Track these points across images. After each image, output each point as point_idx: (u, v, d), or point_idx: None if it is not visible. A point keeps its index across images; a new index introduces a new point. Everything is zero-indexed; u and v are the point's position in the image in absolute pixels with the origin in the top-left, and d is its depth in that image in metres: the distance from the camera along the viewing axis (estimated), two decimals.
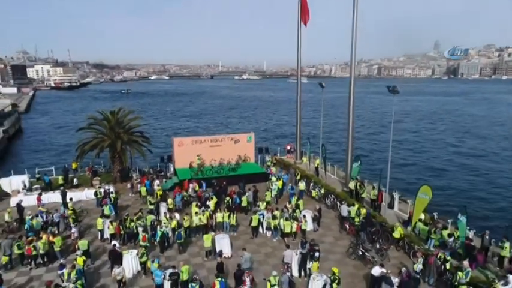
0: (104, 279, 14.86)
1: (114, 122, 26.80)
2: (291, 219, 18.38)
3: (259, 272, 15.01)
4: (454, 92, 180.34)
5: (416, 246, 16.05)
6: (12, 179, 25.04)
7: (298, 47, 30.04)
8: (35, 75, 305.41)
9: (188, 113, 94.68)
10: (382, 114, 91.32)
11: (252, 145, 30.43)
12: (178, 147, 28.40)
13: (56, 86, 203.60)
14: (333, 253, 17.14)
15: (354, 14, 22.18)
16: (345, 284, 14.50)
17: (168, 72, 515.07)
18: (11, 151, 48.44)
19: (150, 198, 21.47)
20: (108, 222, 17.99)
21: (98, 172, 28.48)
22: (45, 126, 72.20)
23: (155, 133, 58.62)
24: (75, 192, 24.07)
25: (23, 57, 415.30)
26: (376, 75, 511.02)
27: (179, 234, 16.60)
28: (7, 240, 16.34)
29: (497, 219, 26.70)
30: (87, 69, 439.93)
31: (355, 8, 22.09)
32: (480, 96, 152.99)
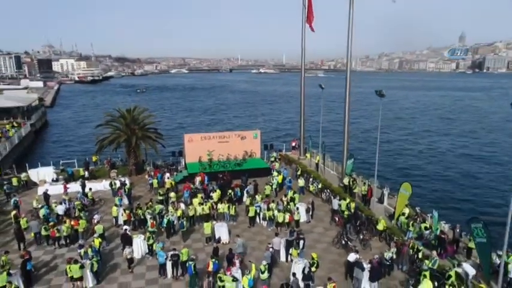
0: (117, 259, 17.17)
1: (129, 119, 29.20)
2: (284, 210, 20.27)
3: (251, 257, 16.98)
4: (475, 88, 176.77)
5: (395, 238, 17.69)
6: (40, 170, 27.86)
7: (303, 47, 31.24)
8: (60, 69, 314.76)
9: (203, 107, 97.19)
10: (395, 110, 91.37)
11: (258, 141, 32.30)
12: (189, 143, 30.56)
13: (79, 80, 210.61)
14: (320, 242, 18.94)
15: (350, 12, 23.37)
16: (327, 269, 16.35)
17: (188, 65, 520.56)
18: (38, 144, 51.96)
19: (160, 189, 23.78)
20: (122, 210, 20.36)
21: (115, 165, 30.99)
22: (69, 119, 76.13)
23: (170, 128, 61.31)
24: (94, 183, 26.62)
25: (49, 51, 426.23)
26: (398, 69, 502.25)
27: (181, 223, 18.72)
28: (34, 221, 18.91)
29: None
30: (109, 62, 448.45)
31: (351, 5, 23.29)
32: (501, 92, 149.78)
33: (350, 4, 23.48)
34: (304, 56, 31.98)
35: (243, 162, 30.02)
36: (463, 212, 27.74)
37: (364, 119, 74.01)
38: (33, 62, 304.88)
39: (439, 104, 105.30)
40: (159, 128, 33.56)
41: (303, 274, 14.43)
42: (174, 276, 15.55)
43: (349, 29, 23.65)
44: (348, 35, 23.91)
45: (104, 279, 15.56)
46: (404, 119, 77.23)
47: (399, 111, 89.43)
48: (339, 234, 18.75)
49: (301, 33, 30.86)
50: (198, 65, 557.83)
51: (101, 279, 15.40)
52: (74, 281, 14.70)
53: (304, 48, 31.41)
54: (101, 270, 15.73)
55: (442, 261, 15.77)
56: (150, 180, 25.88)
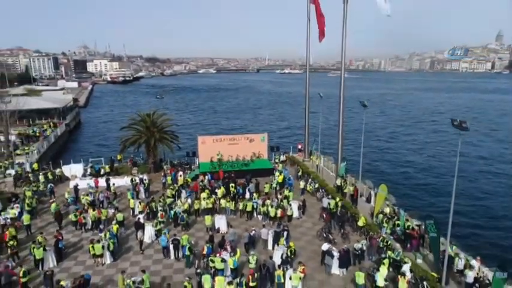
0: (131, 242, 20.51)
1: (149, 122, 32.76)
2: (277, 207, 22.99)
3: (242, 244, 19.95)
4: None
5: (371, 232, 20.07)
6: (71, 166, 31.90)
7: (307, 47, 33.23)
8: (94, 69, 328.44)
9: (224, 109, 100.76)
10: (412, 112, 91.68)
11: (265, 144, 35.04)
12: (202, 144, 33.74)
13: (111, 80, 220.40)
14: (306, 235, 21.56)
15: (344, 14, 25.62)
16: (307, 257, 19.00)
17: (216, 65, 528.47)
18: (71, 142, 56.99)
19: (172, 186, 27.10)
20: (138, 202, 23.78)
21: (137, 163, 34.66)
22: (99, 120, 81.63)
23: (190, 128, 65.20)
24: (117, 179, 30.30)
25: (84, 52, 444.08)
26: (429, 69, 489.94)
27: (182, 217, 21.83)
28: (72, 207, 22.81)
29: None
30: (140, 63, 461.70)
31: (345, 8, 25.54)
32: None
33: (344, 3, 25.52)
34: (309, 57, 34.30)
35: (250, 162, 32.90)
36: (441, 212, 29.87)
37: (384, 123, 75.33)
38: (70, 62, 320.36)
39: (458, 106, 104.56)
40: (180, 128, 37.28)
41: (281, 259, 17.19)
42: (176, 258, 18.67)
43: (343, 36, 25.91)
44: (342, 33, 25.97)
45: (120, 258, 18.89)
46: (420, 122, 77.82)
47: (416, 114, 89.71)
48: (322, 228, 21.30)
49: (306, 37, 33.07)
50: (226, 65, 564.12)
51: (116, 258, 18.74)
52: (96, 258, 18.14)
53: (308, 49, 33.37)
54: (117, 250, 19.09)
55: (407, 254, 18.11)
56: (163, 180, 29.12)
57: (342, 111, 27.48)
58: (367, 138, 60.15)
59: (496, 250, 24.48)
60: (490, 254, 21.64)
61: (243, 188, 26.63)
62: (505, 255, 22.74)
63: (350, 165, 32.22)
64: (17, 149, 39.46)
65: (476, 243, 25.04)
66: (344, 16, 25.43)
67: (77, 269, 17.80)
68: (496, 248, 24.94)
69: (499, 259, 17.41)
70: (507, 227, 28.73)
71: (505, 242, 26.27)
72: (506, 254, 23.71)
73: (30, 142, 44.02)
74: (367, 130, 69.03)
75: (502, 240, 26.45)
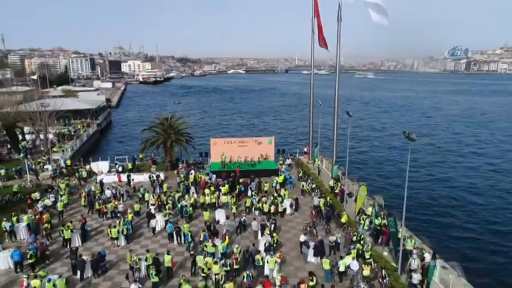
0: (143, 229, 24.17)
1: (167, 125, 36.57)
2: (271, 203, 25.94)
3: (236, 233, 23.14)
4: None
5: (350, 228, 22.67)
6: (99, 163, 36.22)
7: (312, 46, 35.95)
8: (128, 69, 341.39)
9: (245, 110, 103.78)
10: (432, 118, 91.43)
11: (272, 146, 37.99)
12: (214, 146, 37.16)
13: (143, 81, 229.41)
14: (295, 229, 24.39)
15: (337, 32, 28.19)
16: (290, 246, 21.89)
17: (246, 66, 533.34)
18: (102, 141, 62.14)
19: (183, 182, 30.67)
20: (151, 196, 27.46)
21: (156, 162, 38.59)
22: (128, 120, 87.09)
23: (208, 129, 69.28)
24: (138, 175, 34.22)
25: (119, 53, 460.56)
26: (464, 71, 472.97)
27: (185, 210, 25.23)
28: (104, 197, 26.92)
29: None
30: (172, 63, 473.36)
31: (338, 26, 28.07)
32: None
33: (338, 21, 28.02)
34: (313, 57, 37.14)
35: (256, 163, 35.99)
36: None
37: (394, 127, 76.26)
38: (105, 63, 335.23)
39: (482, 110, 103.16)
40: (199, 129, 40.91)
41: (264, 246, 20.19)
42: (178, 243, 22.08)
43: (337, 45, 28.43)
44: (337, 49, 28.62)
45: (132, 241, 22.53)
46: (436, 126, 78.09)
47: (434, 119, 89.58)
48: (308, 223, 24.08)
49: (311, 40, 35.63)
50: (256, 65, 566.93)
51: (129, 241, 22.39)
52: (112, 240, 21.86)
53: (313, 49, 36.29)
54: (130, 235, 22.75)
55: (378, 247, 20.69)
56: (178, 180, 32.56)
57: (336, 117, 29.95)
58: (372, 139, 62.26)
59: (454, 243, 27.63)
60: (448, 246, 25.11)
61: (245, 186, 29.77)
62: (462, 249, 26.36)
63: (353, 167, 34.93)
64: (54, 147, 44.41)
65: (440, 238, 27.73)
66: (338, 34, 27.98)
67: (97, 248, 21.52)
68: (455, 241, 28.01)
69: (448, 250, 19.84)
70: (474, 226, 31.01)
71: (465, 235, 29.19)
72: (463, 247, 27.14)
73: (66, 140, 49.12)
74: (376, 130, 70.73)
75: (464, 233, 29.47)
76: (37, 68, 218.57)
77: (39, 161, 36.99)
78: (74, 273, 18.79)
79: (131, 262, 18.52)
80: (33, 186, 31.42)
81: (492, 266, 24.73)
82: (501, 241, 28.12)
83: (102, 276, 18.82)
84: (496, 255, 26.20)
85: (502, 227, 30.80)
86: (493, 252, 26.64)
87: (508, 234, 29.38)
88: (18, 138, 45.75)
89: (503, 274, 23.68)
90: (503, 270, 24.15)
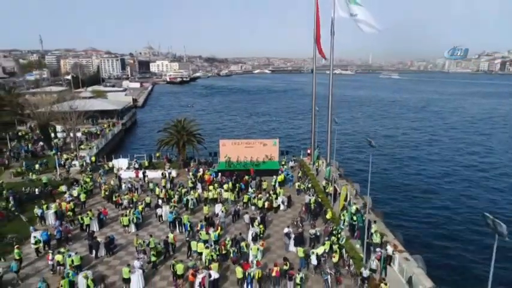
0: (152, 219, 27.77)
1: (180, 127, 40.22)
2: (265, 200, 28.90)
3: (233, 225, 26.31)
4: None
5: (332, 223, 25.31)
6: (119, 160, 40.33)
7: (314, 48, 38.50)
8: (156, 69, 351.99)
9: (261, 112, 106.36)
10: (448, 120, 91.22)
11: (276, 148, 40.77)
12: (222, 146, 40.38)
13: (170, 81, 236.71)
14: (285, 223, 27.16)
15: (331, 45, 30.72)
16: (277, 237, 24.78)
17: (272, 65, 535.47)
18: (126, 140, 66.86)
19: (191, 179, 34.15)
20: (161, 190, 31.07)
21: (171, 160, 42.33)
22: (152, 119, 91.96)
23: (221, 130, 73.02)
24: (153, 172, 37.99)
25: (149, 53, 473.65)
26: (499, 71, 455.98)
27: (193, 203, 28.61)
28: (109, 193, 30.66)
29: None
30: (199, 63, 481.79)
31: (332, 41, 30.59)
32: None
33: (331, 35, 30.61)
34: (316, 59, 39.40)
35: (260, 163, 38.98)
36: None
37: (408, 131, 77.21)
38: (135, 63, 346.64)
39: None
40: (212, 130, 44.26)
41: (252, 236, 23.23)
42: (180, 231, 25.46)
43: (331, 56, 30.87)
44: (331, 61, 31.04)
45: (141, 229, 26.12)
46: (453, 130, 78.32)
47: (452, 123, 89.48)
48: (296, 218, 26.90)
49: (331, 43, 38.33)
50: (282, 65, 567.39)
51: (139, 228, 26.00)
52: (124, 227, 25.54)
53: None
54: (140, 223, 26.36)
55: (353, 240, 23.32)
56: (188, 177, 35.93)
57: (330, 121, 32.43)
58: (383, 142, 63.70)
59: (426, 239, 30.27)
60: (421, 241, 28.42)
61: (246, 184, 32.88)
62: (433, 245, 29.03)
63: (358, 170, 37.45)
64: (82, 145, 49.10)
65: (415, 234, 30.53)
66: (331, 47, 30.51)
67: (110, 233, 25.24)
68: (427, 237, 30.56)
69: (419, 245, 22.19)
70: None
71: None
72: (435, 243, 29.55)
73: (92, 139, 53.85)
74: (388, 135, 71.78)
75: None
76: (71, 68, 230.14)
77: (68, 157, 41.48)
78: (90, 252, 22.52)
79: (137, 245, 22.06)
80: (62, 179, 35.78)
81: (456, 262, 26.97)
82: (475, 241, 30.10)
83: (113, 256, 22.46)
84: (463, 252, 28.40)
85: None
86: (462, 249, 28.84)
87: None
88: (51, 136, 50.76)
89: (464, 270, 25.91)
90: (465, 267, 26.35)
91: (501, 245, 12.90)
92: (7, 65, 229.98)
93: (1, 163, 40.77)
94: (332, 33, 30.39)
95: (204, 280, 18.61)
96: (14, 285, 19.21)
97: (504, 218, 13.11)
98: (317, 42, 35.74)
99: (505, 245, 16.21)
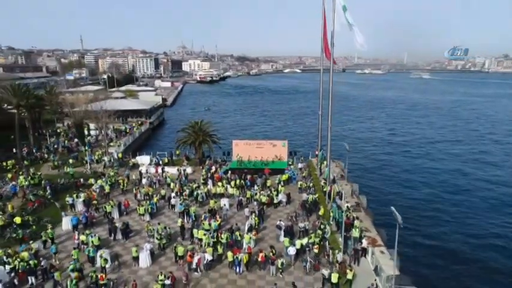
0: (165, 210, 31.52)
1: (197, 128, 43.97)
2: (266, 196, 31.93)
3: (235, 218, 29.58)
4: None
5: (323, 219, 27.99)
6: (142, 157, 44.63)
7: (322, 45, 40.42)
8: (188, 68, 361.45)
9: (284, 113, 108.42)
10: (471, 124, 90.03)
11: (285, 149, 43.62)
12: (235, 146, 43.75)
13: (200, 80, 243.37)
14: (282, 217, 30.09)
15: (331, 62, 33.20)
16: (272, 229, 27.77)
17: (303, 64, 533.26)
18: (152, 138, 71.68)
19: (204, 175, 37.76)
20: (175, 185, 34.84)
21: (189, 158, 46.15)
22: (178, 118, 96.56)
23: (240, 130, 76.51)
24: (171, 168, 41.88)
25: (182, 52, 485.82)
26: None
27: (202, 196, 32.12)
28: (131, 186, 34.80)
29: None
30: (230, 62, 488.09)
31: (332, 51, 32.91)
32: None
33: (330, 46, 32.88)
34: (323, 59, 41.46)
35: (269, 163, 41.97)
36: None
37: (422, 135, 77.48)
38: (168, 62, 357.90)
39: None
40: (229, 130, 47.56)
41: (247, 227, 26.39)
42: (187, 221, 29.02)
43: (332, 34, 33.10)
44: (330, 75, 33.34)
45: (155, 218, 29.88)
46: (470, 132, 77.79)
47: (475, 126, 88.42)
48: (291, 213, 29.77)
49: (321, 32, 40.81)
50: (314, 63, 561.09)
51: (153, 217, 29.77)
52: (140, 216, 29.44)
53: (319, 49, 40.97)
54: (154, 213, 30.16)
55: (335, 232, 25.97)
56: (203, 175, 39.52)
57: (330, 122, 34.67)
58: (387, 144, 64.88)
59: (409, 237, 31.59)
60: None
61: (252, 182, 36.04)
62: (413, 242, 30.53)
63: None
64: (111, 142, 54.00)
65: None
66: (331, 58, 32.91)
67: (127, 221, 29.17)
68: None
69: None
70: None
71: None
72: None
73: (121, 137, 58.76)
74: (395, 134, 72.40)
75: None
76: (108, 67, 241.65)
77: (98, 153, 46.25)
78: (109, 235, 26.48)
79: (148, 231, 25.83)
80: (91, 173, 40.40)
81: (439, 261, 28.87)
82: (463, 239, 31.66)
83: (129, 239, 26.31)
84: (447, 253, 30.18)
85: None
86: (446, 252, 30.51)
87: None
88: (84, 133, 56.02)
89: (440, 270, 27.74)
90: (442, 267, 28.17)
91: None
92: (50, 64, 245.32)
93: (41, 157, 46.14)
94: (332, 45, 32.69)
95: (200, 261, 21.99)
96: (52, 265, 22.66)
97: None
98: (325, 51, 38.05)
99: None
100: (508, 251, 30.54)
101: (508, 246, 31.31)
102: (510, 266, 28.39)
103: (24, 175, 37.41)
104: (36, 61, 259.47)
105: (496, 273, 27.30)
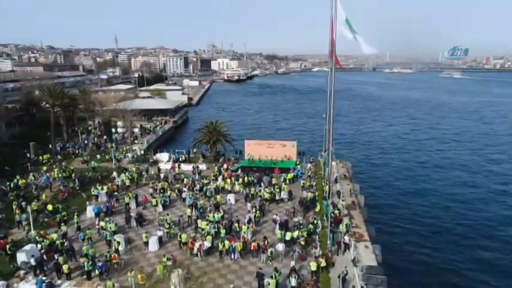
0: (177, 202, 34.88)
1: (212, 128, 47.24)
2: (269, 193, 34.63)
3: (238, 212, 32.54)
4: None
5: (317, 215, 30.39)
6: (162, 154, 48.43)
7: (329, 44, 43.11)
8: (217, 67, 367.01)
9: (304, 112, 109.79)
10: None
11: (294, 149, 46.06)
12: (247, 146, 46.63)
13: (227, 79, 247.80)
14: (281, 212, 32.74)
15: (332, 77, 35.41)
16: (270, 223, 30.48)
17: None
18: (175, 136, 75.71)
19: (214, 172, 40.96)
20: (186, 179, 38.23)
21: (205, 155, 49.50)
22: (202, 117, 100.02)
23: (256, 129, 80.00)
24: (187, 165, 45.33)
25: (212, 50, 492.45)
26: None
27: (211, 191, 35.28)
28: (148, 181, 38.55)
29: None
30: (259, 60, 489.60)
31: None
32: None
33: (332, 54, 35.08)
34: (333, 56, 43.63)
35: (278, 162, 44.57)
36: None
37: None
38: (197, 61, 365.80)
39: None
40: (244, 129, 50.43)
41: (247, 219, 29.26)
42: (195, 213, 32.23)
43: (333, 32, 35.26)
44: (330, 81, 35.48)
45: (166, 209, 33.28)
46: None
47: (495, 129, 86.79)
48: (290, 209, 32.33)
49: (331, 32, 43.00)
50: (344, 62, 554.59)
51: (165, 209, 33.19)
52: (153, 207, 32.99)
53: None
54: (166, 205, 33.60)
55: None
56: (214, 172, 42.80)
57: (331, 123, 36.70)
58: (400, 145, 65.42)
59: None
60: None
61: (258, 180, 38.84)
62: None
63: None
64: (136, 139, 58.30)
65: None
66: (331, 68, 34.95)
67: (141, 211, 32.67)
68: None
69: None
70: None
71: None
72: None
73: (146, 134, 63.06)
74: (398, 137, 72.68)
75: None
76: (140, 66, 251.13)
77: (122, 150, 50.51)
78: (126, 223, 30.12)
79: (158, 220, 29.29)
80: (115, 168, 44.53)
81: (427, 259, 30.52)
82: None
83: (142, 227, 29.83)
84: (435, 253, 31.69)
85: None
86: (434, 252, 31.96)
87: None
88: (112, 131, 60.66)
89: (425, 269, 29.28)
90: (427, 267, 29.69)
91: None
92: (86, 63, 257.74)
93: (72, 152, 50.97)
94: (334, 53, 34.63)
95: (200, 247, 25.09)
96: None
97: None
98: (330, 57, 40.16)
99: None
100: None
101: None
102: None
103: (57, 168, 41.95)
104: (74, 60, 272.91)
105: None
